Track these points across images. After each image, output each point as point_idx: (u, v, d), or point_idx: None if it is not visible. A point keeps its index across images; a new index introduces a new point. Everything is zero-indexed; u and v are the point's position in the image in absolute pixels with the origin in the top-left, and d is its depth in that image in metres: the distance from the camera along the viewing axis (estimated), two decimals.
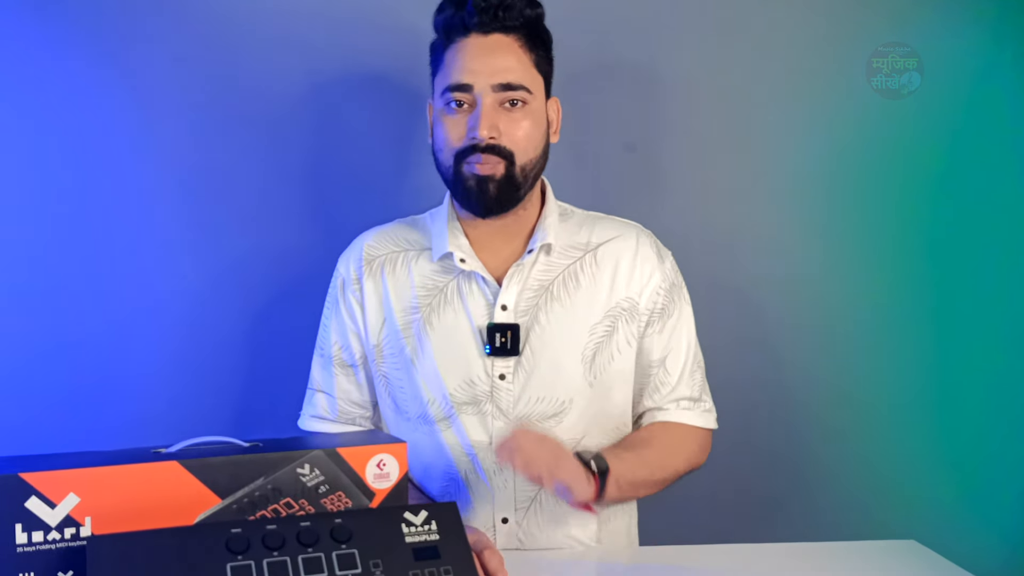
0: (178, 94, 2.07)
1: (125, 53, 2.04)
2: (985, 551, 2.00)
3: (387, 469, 1.35)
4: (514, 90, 1.53)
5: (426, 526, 1.27)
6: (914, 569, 1.52)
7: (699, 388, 1.69)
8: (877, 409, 2.16)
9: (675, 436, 1.65)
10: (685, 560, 1.56)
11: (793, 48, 2.14)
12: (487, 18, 1.52)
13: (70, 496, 1.19)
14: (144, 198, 2.08)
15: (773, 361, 2.16)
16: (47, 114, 2.04)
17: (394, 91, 2.09)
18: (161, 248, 2.09)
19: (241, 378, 2.13)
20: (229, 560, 1.15)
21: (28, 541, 1.17)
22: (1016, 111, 2.15)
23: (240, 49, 2.07)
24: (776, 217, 2.16)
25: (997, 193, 2.15)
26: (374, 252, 1.70)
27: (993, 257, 2.16)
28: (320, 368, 1.73)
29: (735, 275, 2.14)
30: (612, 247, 1.67)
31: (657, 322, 1.66)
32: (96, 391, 2.07)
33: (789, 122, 2.15)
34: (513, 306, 1.61)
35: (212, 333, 2.11)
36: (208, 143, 2.08)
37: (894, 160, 2.14)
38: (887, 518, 2.13)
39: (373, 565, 1.21)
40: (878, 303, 2.16)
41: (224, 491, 1.26)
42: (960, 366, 2.17)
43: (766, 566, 1.54)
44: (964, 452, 2.16)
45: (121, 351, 2.09)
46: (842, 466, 2.17)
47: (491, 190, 1.54)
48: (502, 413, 1.61)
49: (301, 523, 1.22)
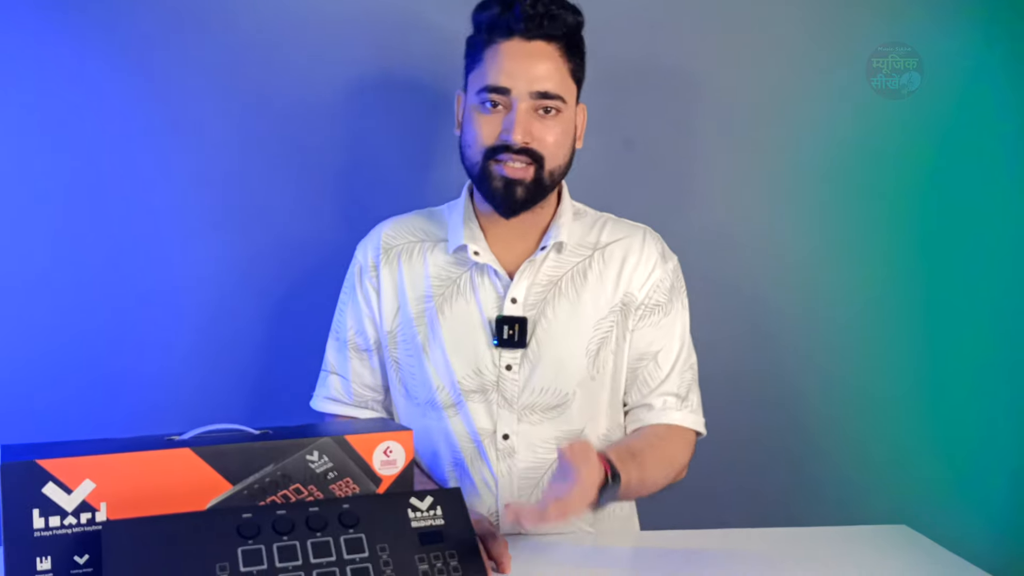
0: (199, 91, 2.06)
1: (149, 51, 2.05)
2: (974, 536, 2.00)
3: (393, 456, 1.35)
4: (550, 99, 1.52)
5: (431, 511, 1.27)
6: (905, 553, 1.52)
7: (687, 388, 1.66)
8: (871, 400, 2.17)
9: (671, 442, 1.62)
10: (682, 544, 1.56)
11: (791, 46, 2.14)
12: (533, 25, 1.51)
13: (86, 482, 1.19)
14: (165, 192, 2.08)
15: (769, 353, 2.16)
16: (70, 110, 2.03)
17: (411, 90, 2.09)
18: (180, 240, 2.09)
19: (257, 365, 2.13)
20: (240, 544, 1.16)
21: (45, 526, 1.17)
22: (1005, 109, 2.15)
23: (263, 49, 2.07)
24: (773, 213, 2.16)
25: (986, 190, 2.16)
26: (392, 241, 1.70)
27: (983, 252, 2.16)
28: (335, 351, 1.73)
29: (733, 270, 2.14)
30: (619, 246, 1.67)
31: (652, 316, 1.65)
32: (112, 380, 2.07)
33: (785, 119, 2.15)
34: (523, 300, 1.61)
35: (229, 322, 2.11)
36: (229, 140, 2.08)
37: (886, 158, 2.14)
38: (879, 504, 2.14)
39: (380, 549, 1.21)
40: (872, 297, 2.16)
41: (235, 477, 1.26)
42: (951, 358, 2.17)
43: (762, 550, 1.54)
44: (954, 441, 2.16)
45: (138, 341, 2.09)
46: (836, 454, 2.18)
47: (518, 192, 1.54)
48: (507, 402, 1.61)
49: (310, 508, 1.22)
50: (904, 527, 1.63)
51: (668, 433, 1.63)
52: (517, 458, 1.62)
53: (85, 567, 1.18)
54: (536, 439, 1.62)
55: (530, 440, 1.62)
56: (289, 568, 1.16)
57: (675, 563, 1.47)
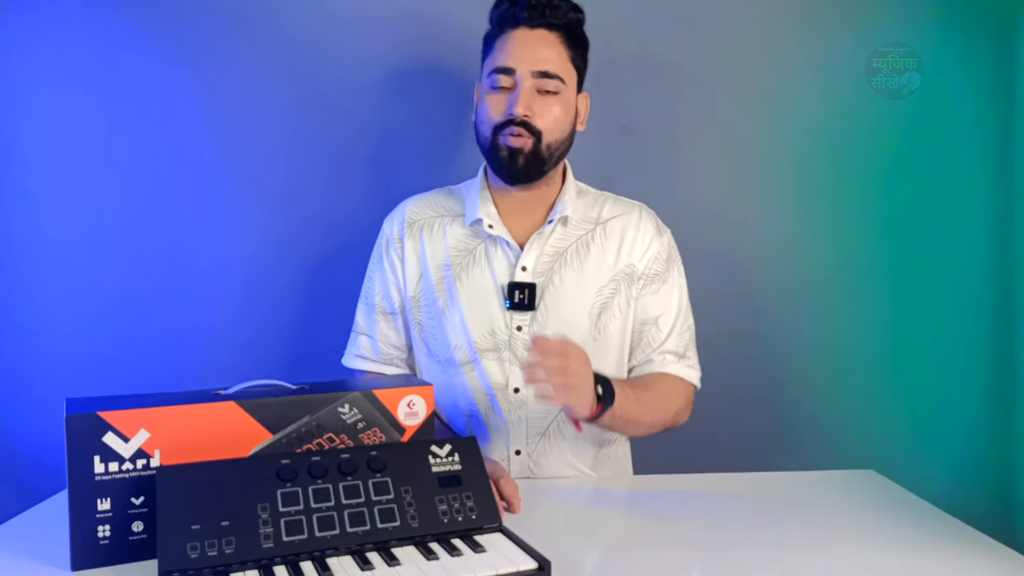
0: (248, 86, 2.07)
1: (204, 51, 2.05)
2: (933, 479, 1.99)
3: (416, 408, 1.35)
4: (550, 78, 1.55)
5: (450, 458, 1.27)
6: (872, 494, 1.52)
7: (685, 346, 1.67)
8: (843, 360, 2.15)
9: (669, 387, 1.63)
10: (671, 486, 1.57)
11: (770, 42, 2.12)
12: (535, 14, 1.54)
13: (141, 432, 1.19)
14: (215, 172, 2.07)
15: (751, 317, 2.15)
16: (136, 101, 2.05)
17: (431, 82, 2.07)
18: (229, 216, 2.08)
19: (295, 327, 2.12)
20: (279, 487, 1.16)
21: (105, 471, 1.17)
22: (960, 102, 2.12)
23: (302, 48, 2.06)
24: (753, 192, 2.14)
25: (944, 174, 2.13)
26: (415, 216, 1.70)
27: (942, 230, 2.14)
28: (364, 314, 1.73)
29: (717, 243, 2.12)
30: (619, 222, 1.67)
31: (652, 284, 1.65)
32: (166, 340, 2.08)
33: (762, 110, 2.13)
34: (532, 268, 1.61)
35: (270, 288, 2.10)
36: (273, 129, 2.08)
37: (856, 143, 2.12)
38: (850, 453, 2.13)
39: (404, 491, 1.21)
40: (845, 268, 2.14)
41: (275, 427, 1.26)
42: (915, 325, 2.15)
43: (743, 491, 1.54)
44: (916, 398, 2.16)
45: (190, 305, 2.08)
46: (811, 408, 2.17)
47: (520, 161, 1.56)
48: (518, 359, 1.61)
49: (341, 455, 1.22)
50: (871, 472, 1.63)
51: (664, 379, 1.64)
52: (527, 409, 1.62)
53: (141, 507, 1.19)
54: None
55: None
56: (323, 508, 1.16)
57: (665, 503, 1.48)
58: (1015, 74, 2.10)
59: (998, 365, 2.16)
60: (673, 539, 1.32)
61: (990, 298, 2.15)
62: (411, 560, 1.12)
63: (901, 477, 1.58)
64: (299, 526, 1.13)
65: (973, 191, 2.14)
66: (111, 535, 1.18)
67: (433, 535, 1.19)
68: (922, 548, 1.26)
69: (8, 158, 2.04)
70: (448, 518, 1.21)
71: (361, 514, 1.17)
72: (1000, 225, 2.13)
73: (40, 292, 2.06)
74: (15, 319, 2.06)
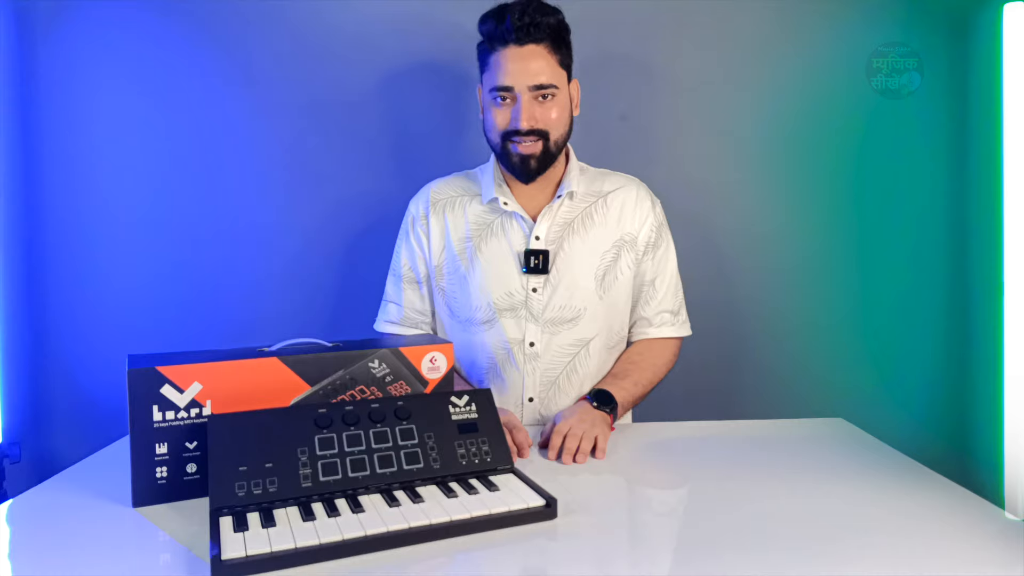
0: (290, 83, 2.07)
1: (247, 53, 2.07)
2: (898, 427, 1.99)
3: (438, 363, 1.34)
4: (545, 88, 1.53)
5: (468, 407, 1.26)
6: (841, 440, 1.51)
7: (678, 304, 1.70)
8: (815, 322, 2.14)
9: (656, 351, 1.67)
10: (666, 433, 1.56)
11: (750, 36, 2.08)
12: (522, 34, 1.51)
13: (195, 384, 1.18)
14: (258, 156, 2.08)
15: (731, 280, 2.13)
16: (188, 97, 2.06)
17: (452, 78, 2.07)
18: (274, 195, 2.09)
19: (332, 293, 2.12)
20: (316, 433, 1.15)
21: (163, 419, 1.17)
22: (921, 98, 2.09)
23: (336, 49, 2.07)
24: (734, 172, 2.12)
25: (908, 160, 2.11)
26: (438, 196, 1.70)
27: (904, 206, 2.12)
28: (392, 284, 1.73)
29: (701, 214, 2.11)
30: (618, 195, 1.67)
31: (650, 251, 1.67)
32: (218, 302, 2.09)
33: (742, 98, 2.10)
34: (544, 237, 1.61)
35: (310, 259, 2.11)
36: (312, 122, 2.08)
37: (828, 137, 2.10)
38: (821, 404, 2.12)
39: (427, 437, 1.20)
40: (816, 239, 2.13)
41: (313, 380, 1.25)
42: (881, 290, 2.14)
43: (724, 438, 1.53)
44: (881, 355, 2.14)
45: (239, 271, 2.09)
46: (786, 363, 2.15)
47: (532, 164, 1.57)
48: (533, 317, 1.61)
49: (371, 405, 1.21)
50: (840, 420, 1.62)
51: (650, 347, 1.67)
52: (540, 361, 1.62)
53: (194, 451, 1.18)
54: (555, 345, 1.62)
55: (550, 346, 1.62)
56: (355, 452, 1.15)
57: (660, 448, 1.47)
58: (968, 71, 2.08)
59: (954, 327, 2.14)
60: (666, 479, 1.32)
61: (947, 266, 2.14)
62: (433, 497, 1.12)
63: (867, 425, 1.56)
64: (334, 467, 1.12)
65: (930, 177, 2.12)
66: (168, 475, 1.17)
67: (452, 475, 1.18)
68: (887, 487, 1.25)
69: (80, 141, 2.04)
70: (466, 460, 1.20)
71: (389, 457, 1.16)
72: (954, 206, 2.12)
73: (107, 264, 2.07)
74: (85, 288, 2.07)
